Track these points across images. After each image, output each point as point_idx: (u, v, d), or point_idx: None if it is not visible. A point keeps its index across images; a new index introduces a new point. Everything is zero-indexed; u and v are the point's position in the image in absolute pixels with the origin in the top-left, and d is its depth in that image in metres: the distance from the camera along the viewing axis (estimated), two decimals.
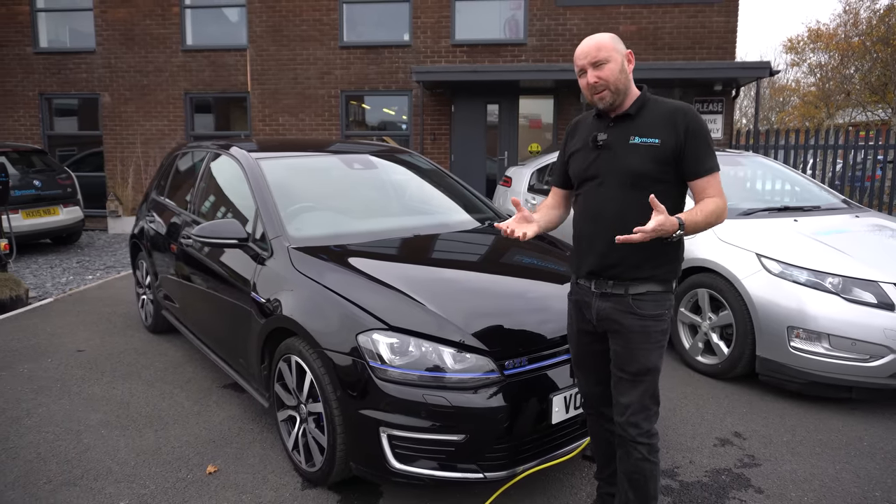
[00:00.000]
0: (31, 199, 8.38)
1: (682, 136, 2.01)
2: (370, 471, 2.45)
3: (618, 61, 2.04)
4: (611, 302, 2.10)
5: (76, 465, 2.93)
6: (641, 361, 2.07)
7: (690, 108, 2.06)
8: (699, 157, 2.02)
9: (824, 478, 2.84)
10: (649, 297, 2.06)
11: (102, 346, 4.62)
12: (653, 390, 2.10)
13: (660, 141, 2.02)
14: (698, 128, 2.02)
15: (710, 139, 2.05)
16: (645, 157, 2.02)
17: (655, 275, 2.06)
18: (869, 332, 3.39)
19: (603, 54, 2.03)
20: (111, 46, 11.31)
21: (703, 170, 2.04)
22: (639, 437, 2.08)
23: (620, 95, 2.05)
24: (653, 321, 2.06)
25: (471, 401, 2.32)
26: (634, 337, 2.06)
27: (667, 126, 2.02)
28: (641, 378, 2.07)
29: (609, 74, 2.02)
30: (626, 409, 2.09)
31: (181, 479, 2.82)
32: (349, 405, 2.43)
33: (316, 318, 2.63)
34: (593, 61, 2.03)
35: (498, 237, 3.57)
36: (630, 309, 2.06)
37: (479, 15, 10.67)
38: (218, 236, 3.16)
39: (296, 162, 3.85)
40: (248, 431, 3.26)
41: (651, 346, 2.07)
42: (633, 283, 2.06)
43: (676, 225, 1.91)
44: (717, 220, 2.02)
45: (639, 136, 2.04)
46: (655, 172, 2.02)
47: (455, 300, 2.65)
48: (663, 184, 2.04)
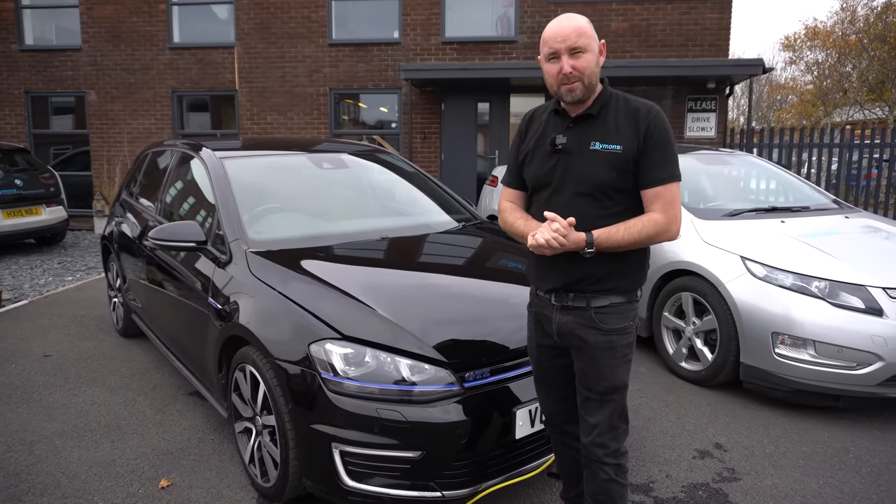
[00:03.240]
0: (12, 198, 8.23)
1: (642, 141, 1.82)
2: (323, 488, 2.32)
3: (595, 52, 1.85)
4: (572, 315, 1.94)
5: (23, 479, 2.80)
6: (608, 379, 1.92)
7: (654, 109, 1.86)
8: (652, 164, 1.82)
9: (806, 493, 2.70)
10: (612, 310, 1.90)
11: (70, 350, 4.49)
12: (621, 408, 1.96)
13: (622, 147, 1.83)
14: (659, 132, 1.82)
15: (669, 146, 1.84)
16: (605, 164, 1.84)
17: (619, 286, 1.90)
18: (856, 339, 3.26)
19: (583, 41, 1.81)
20: (97, 44, 11.16)
21: (651, 179, 1.83)
22: (605, 457, 1.95)
23: (590, 91, 1.86)
24: (617, 335, 1.91)
25: (428, 415, 2.19)
26: (599, 353, 1.91)
27: (629, 129, 1.84)
28: (609, 397, 1.93)
29: (586, 66, 1.82)
30: (593, 429, 1.96)
31: (131, 494, 2.69)
32: (301, 419, 2.29)
33: (269, 327, 2.49)
34: (572, 47, 1.81)
35: (471, 239, 3.43)
36: (593, 323, 1.90)
37: (470, 12, 10.53)
38: (175, 239, 3.02)
39: (262, 161, 3.71)
40: (208, 442, 3.13)
41: (617, 361, 1.92)
42: (596, 295, 1.90)
43: (582, 242, 1.78)
44: (649, 240, 1.82)
45: (600, 141, 1.85)
46: (616, 182, 1.84)
47: (416, 307, 2.51)
48: (624, 193, 1.86)
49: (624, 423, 1.98)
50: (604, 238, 1.80)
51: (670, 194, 1.83)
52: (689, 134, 10.19)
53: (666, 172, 1.82)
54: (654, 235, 1.82)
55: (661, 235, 1.83)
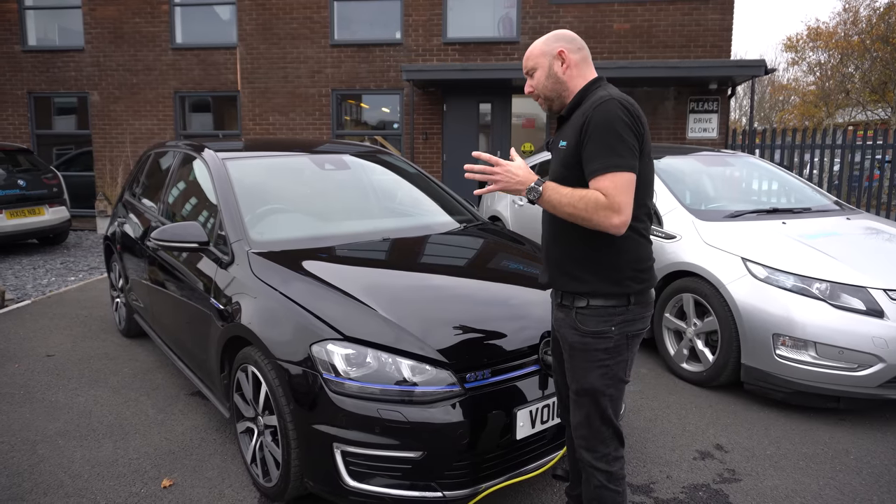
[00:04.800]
0: (15, 198, 8.25)
1: (580, 134, 1.84)
2: (324, 488, 2.33)
3: (545, 67, 1.98)
4: (563, 313, 2.02)
5: (26, 479, 2.81)
6: (578, 380, 1.96)
7: (599, 101, 1.82)
8: (587, 157, 1.80)
9: (806, 494, 2.71)
10: (591, 312, 1.92)
11: (73, 350, 4.50)
12: (600, 412, 1.95)
13: (566, 143, 1.91)
14: (595, 123, 1.79)
15: (607, 135, 1.77)
16: (560, 161, 1.94)
17: (597, 289, 1.92)
18: (857, 341, 3.26)
19: (529, 63, 2.01)
20: (100, 45, 11.19)
21: (588, 171, 1.80)
22: (595, 461, 1.97)
23: (557, 101, 2.00)
24: (593, 338, 1.92)
25: (429, 416, 2.19)
26: (574, 354, 1.97)
27: (577, 124, 1.87)
28: (580, 399, 1.97)
29: (536, 83, 2.01)
30: (577, 430, 2.01)
31: (134, 493, 2.70)
32: (302, 419, 2.30)
33: (271, 328, 2.50)
34: (525, 71, 2.04)
35: (473, 240, 3.44)
36: (573, 323, 1.96)
37: (472, 13, 10.54)
38: (177, 239, 3.03)
39: (264, 162, 3.72)
40: (211, 442, 3.14)
41: (589, 364, 1.93)
42: (577, 296, 1.95)
43: (533, 178, 1.86)
44: (588, 211, 1.75)
45: (562, 139, 1.96)
46: (566, 178, 1.88)
47: (418, 308, 2.52)
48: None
49: (607, 427, 1.96)
50: (551, 186, 1.84)
51: (609, 181, 1.75)
52: (691, 135, 10.19)
53: (600, 164, 1.77)
54: (593, 212, 1.75)
55: (601, 217, 1.75)
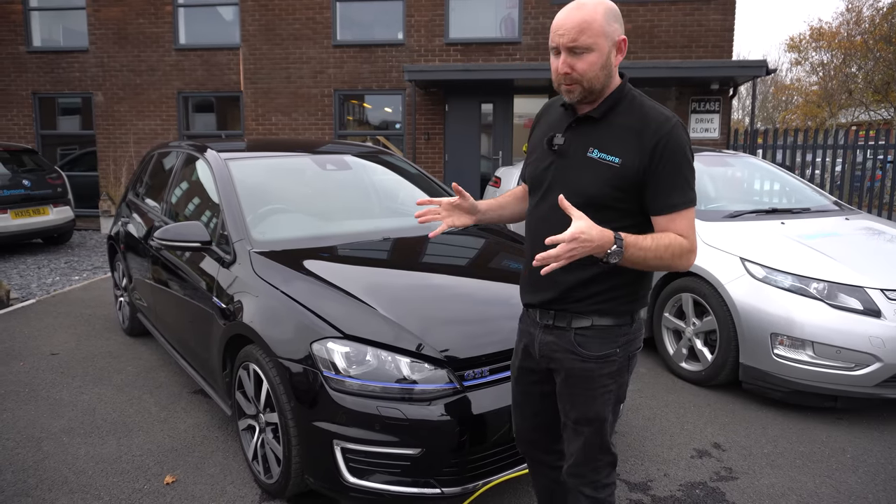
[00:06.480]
0: (20, 198, 8.30)
1: (648, 158, 1.54)
2: (325, 485, 2.36)
3: (603, 50, 1.54)
4: (553, 336, 1.71)
5: (32, 475, 2.85)
6: (581, 409, 1.70)
7: (668, 122, 1.56)
8: (662, 188, 1.55)
9: (802, 493, 2.73)
10: (593, 333, 1.66)
11: (77, 349, 4.54)
12: (600, 441, 1.73)
13: (620, 161, 1.56)
14: (672, 150, 1.53)
15: (685, 166, 1.56)
16: (600, 177, 1.58)
17: (606, 307, 1.65)
18: (854, 340, 3.28)
19: (584, 39, 1.52)
20: (104, 45, 11.25)
21: (663, 205, 1.56)
22: (583, 486, 1.76)
23: (594, 94, 1.59)
24: (597, 363, 1.66)
25: (427, 413, 2.22)
26: (575, 381, 1.69)
27: (634, 141, 1.56)
28: (581, 428, 1.72)
29: (587, 68, 1.54)
30: (570, 457, 1.78)
31: (137, 489, 2.73)
32: (303, 416, 2.34)
33: (273, 326, 2.54)
34: (570, 45, 1.53)
35: (473, 240, 3.47)
36: (571, 347, 1.67)
37: (474, 13, 10.57)
38: (180, 239, 3.07)
39: (266, 163, 3.76)
40: (213, 440, 3.17)
41: (595, 392, 1.68)
42: (578, 315, 1.66)
43: (611, 239, 1.46)
44: (673, 259, 1.54)
45: (598, 148, 1.59)
46: (611, 200, 1.58)
47: (417, 307, 2.55)
48: (619, 212, 1.60)
49: (605, 455, 1.75)
50: (631, 242, 1.50)
51: (688, 221, 1.57)
52: (693, 135, 10.20)
53: (680, 198, 1.56)
54: (678, 257, 1.56)
55: (683, 260, 1.57)
